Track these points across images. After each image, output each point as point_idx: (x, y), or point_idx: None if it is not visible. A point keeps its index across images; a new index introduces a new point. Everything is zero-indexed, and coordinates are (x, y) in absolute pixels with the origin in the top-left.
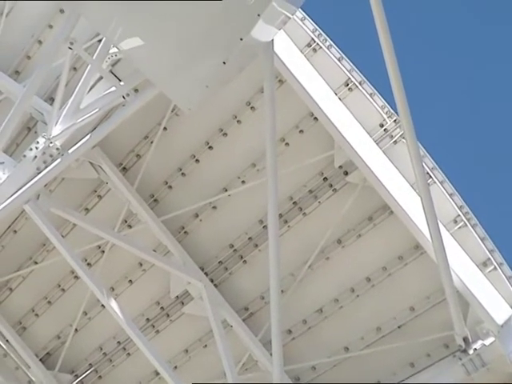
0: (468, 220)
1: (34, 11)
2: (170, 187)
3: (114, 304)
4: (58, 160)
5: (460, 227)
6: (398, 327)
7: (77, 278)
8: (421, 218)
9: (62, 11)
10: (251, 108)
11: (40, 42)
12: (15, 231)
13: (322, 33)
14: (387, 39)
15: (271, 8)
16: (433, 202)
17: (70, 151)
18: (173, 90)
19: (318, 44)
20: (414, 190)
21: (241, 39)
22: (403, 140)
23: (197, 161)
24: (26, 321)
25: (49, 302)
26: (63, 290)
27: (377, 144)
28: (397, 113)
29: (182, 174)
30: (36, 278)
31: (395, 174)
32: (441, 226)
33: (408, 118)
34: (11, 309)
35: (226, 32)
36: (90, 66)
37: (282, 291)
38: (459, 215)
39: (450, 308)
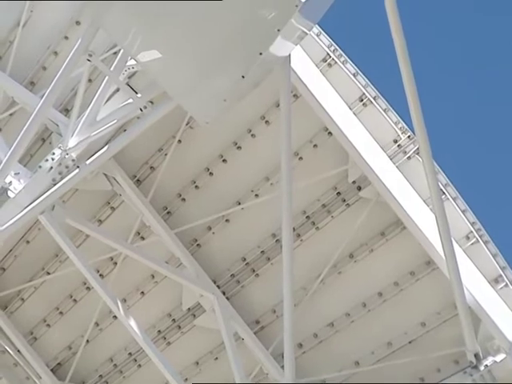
0: (480, 236)
1: (50, 22)
2: (184, 200)
3: (126, 315)
4: (76, 171)
5: (472, 243)
6: (409, 342)
7: (89, 289)
8: (434, 234)
9: (77, 23)
10: (266, 122)
11: (56, 54)
12: (28, 241)
13: (338, 48)
14: (405, 56)
15: (289, 24)
16: (447, 218)
17: (87, 163)
18: (190, 103)
19: (333, 59)
20: (427, 206)
21: (260, 54)
22: (417, 156)
23: (210, 174)
24: (38, 331)
25: (60, 313)
26: (75, 300)
27: (390, 159)
28: (410, 128)
29: (196, 186)
30: (48, 289)
31: (409, 190)
32: (453, 241)
33: (424, 135)
34: (23, 319)
35: (246, 46)
36: (107, 78)
37: (294, 305)
38: (471, 231)
39: (462, 324)
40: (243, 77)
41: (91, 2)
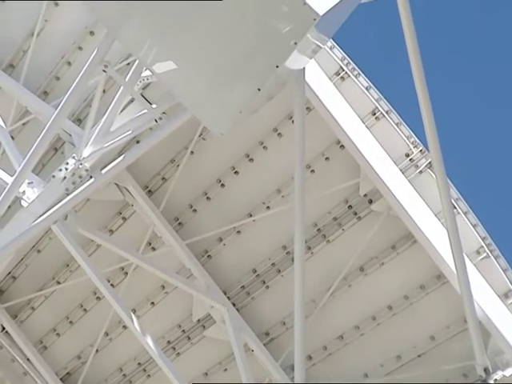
0: (491, 251)
1: (64, 32)
2: (195, 211)
3: (137, 325)
4: (90, 181)
5: (483, 258)
6: (418, 356)
7: (99, 298)
8: (445, 248)
9: (92, 33)
10: (278, 134)
11: (69, 64)
12: (39, 251)
13: (351, 61)
14: (420, 71)
15: (304, 38)
16: (459, 232)
17: (102, 172)
18: (205, 114)
19: (346, 73)
20: (439, 220)
21: (277, 66)
22: (428, 170)
23: (222, 185)
24: (47, 340)
25: (70, 322)
26: (85, 310)
27: (402, 173)
28: (422, 142)
29: (208, 198)
30: (58, 298)
31: (420, 204)
32: (464, 256)
33: (438, 151)
34: (33, 328)
35: (262, 58)
36: (122, 89)
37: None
38: (482, 246)
39: (472, 338)
40: (259, 89)
41: (108, 13)
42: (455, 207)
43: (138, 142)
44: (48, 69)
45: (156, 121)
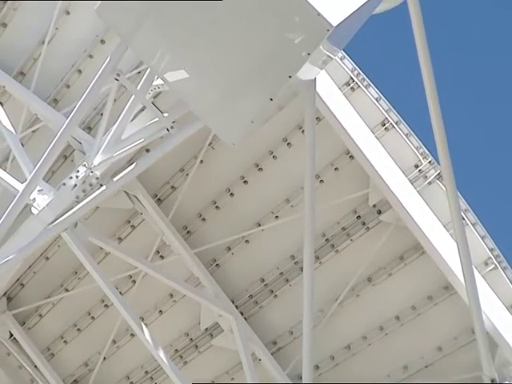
0: (499, 263)
1: (75, 41)
2: (204, 220)
3: (145, 333)
4: (103, 188)
5: (491, 269)
6: (425, 366)
7: (107, 306)
8: (453, 259)
9: (102, 42)
10: (287, 144)
11: (80, 72)
12: (47, 258)
13: (361, 72)
14: (431, 83)
15: (317, 49)
16: (468, 243)
17: (114, 180)
18: (217, 123)
19: (356, 83)
20: (447, 231)
21: (289, 77)
22: (437, 181)
23: (231, 194)
24: (55, 347)
25: (78, 330)
26: (93, 317)
27: (411, 184)
28: (431, 153)
29: (216, 207)
30: (66, 305)
31: (429, 215)
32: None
33: (448, 164)
34: (40, 335)
35: (275, 68)
36: (133, 97)
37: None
38: (490, 257)
39: (479, 349)
40: (271, 99)
41: (121, 22)
42: (464, 218)
43: (147, 150)
44: (58, 77)
45: (167, 129)
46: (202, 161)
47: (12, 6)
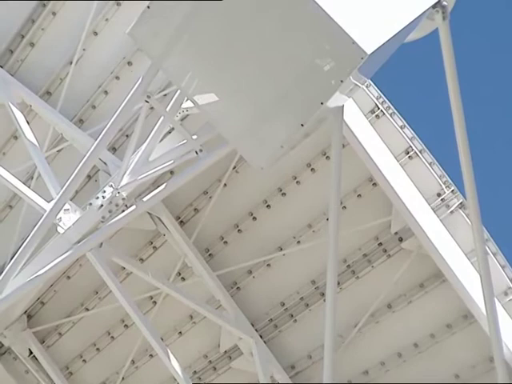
0: None
1: (102, 62)
2: (226, 243)
3: (169, 353)
4: (132, 208)
5: (511, 299)
6: None
7: (127, 326)
8: (473, 288)
9: (129, 63)
10: (311, 169)
11: (106, 93)
12: (69, 277)
13: (386, 100)
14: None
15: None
16: (490, 273)
17: (144, 200)
18: (247, 147)
19: (381, 111)
20: (469, 260)
21: (321, 103)
22: (460, 210)
23: (254, 218)
24: (74, 366)
25: (97, 349)
26: (112, 337)
27: (434, 212)
28: (454, 182)
29: (239, 230)
30: (86, 325)
31: (450, 243)
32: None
33: (475, 199)
34: (59, 353)
35: (308, 94)
36: (162, 119)
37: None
38: (510, 287)
39: (498, 377)
40: (302, 125)
41: (152, 45)
42: None
43: (171, 172)
44: (84, 97)
45: (196, 153)
46: (225, 184)
47: (40, 25)
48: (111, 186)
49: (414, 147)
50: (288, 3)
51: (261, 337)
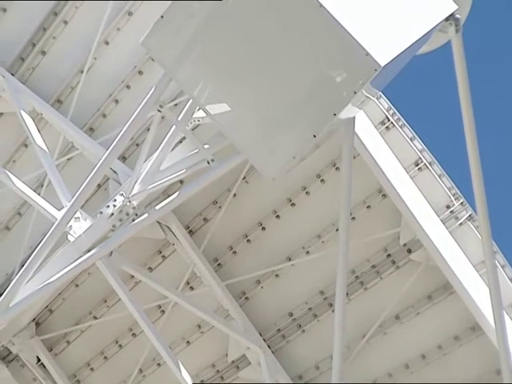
0: None
1: (113, 71)
2: (235, 252)
3: (175, 362)
4: (144, 216)
5: None
6: None
7: (135, 335)
8: (482, 300)
9: (140, 73)
10: (321, 181)
11: (116, 102)
12: (77, 285)
13: (396, 112)
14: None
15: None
16: (499, 285)
17: (156, 209)
18: (259, 158)
19: (391, 123)
20: (477, 272)
21: (334, 115)
22: (468, 222)
23: (263, 228)
24: (81, 374)
25: (105, 358)
26: (120, 346)
27: (443, 224)
28: (463, 194)
29: (248, 240)
30: (94, 333)
31: (459, 255)
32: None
33: (485, 213)
34: (67, 361)
35: (321, 105)
36: (173, 128)
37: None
38: None
39: None
40: (315, 136)
41: (165, 55)
42: None
43: (180, 181)
44: (95, 106)
45: (208, 162)
46: (235, 194)
47: (52, 34)
48: (122, 194)
49: (423, 159)
50: (301, 14)
51: (269, 347)
